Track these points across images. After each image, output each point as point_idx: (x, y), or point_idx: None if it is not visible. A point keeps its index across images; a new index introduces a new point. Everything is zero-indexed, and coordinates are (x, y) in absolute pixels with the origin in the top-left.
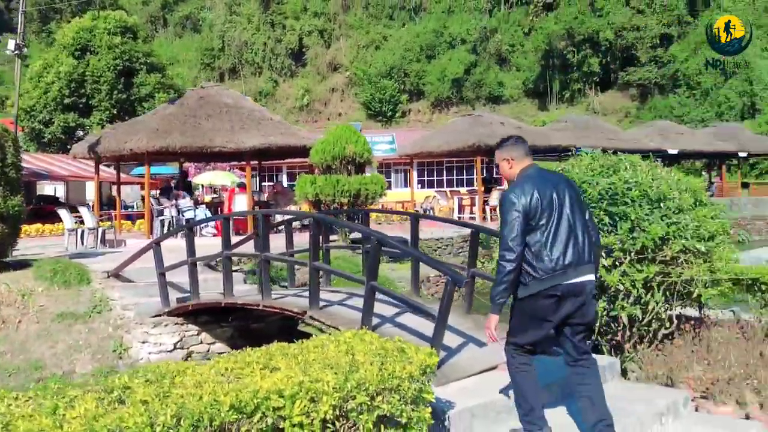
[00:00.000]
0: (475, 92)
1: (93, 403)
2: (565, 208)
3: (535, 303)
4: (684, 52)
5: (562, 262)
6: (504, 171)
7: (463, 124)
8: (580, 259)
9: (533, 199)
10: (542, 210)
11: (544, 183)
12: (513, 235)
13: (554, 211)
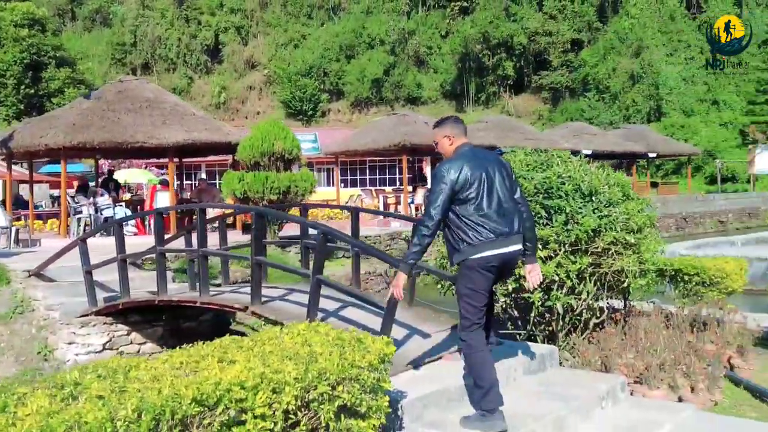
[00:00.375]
0: (394, 93)
1: (45, 400)
2: (495, 184)
3: (476, 274)
4: (594, 57)
5: (492, 231)
6: (444, 147)
7: (389, 123)
8: (509, 230)
9: (462, 173)
10: (471, 184)
11: (477, 160)
12: (436, 204)
13: (483, 185)
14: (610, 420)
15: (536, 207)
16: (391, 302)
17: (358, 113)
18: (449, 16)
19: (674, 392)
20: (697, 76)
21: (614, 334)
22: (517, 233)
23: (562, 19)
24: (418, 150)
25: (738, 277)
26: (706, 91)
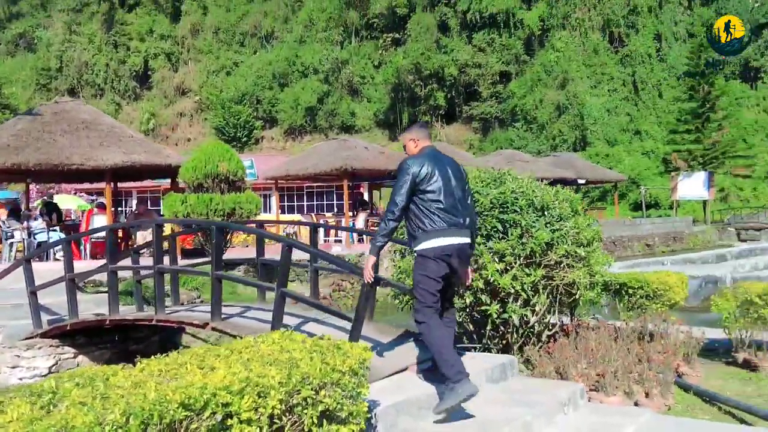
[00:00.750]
0: (328, 121)
1: (26, 407)
2: (452, 182)
3: (431, 262)
4: (522, 89)
5: (446, 223)
6: (410, 149)
7: (329, 147)
8: (462, 223)
9: (424, 168)
10: (431, 178)
11: (438, 160)
12: (400, 192)
13: (442, 183)
14: (574, 424)
15: (492, 221)
16: (359, 311)
17: (292, 141)
18: (382, 46)
19: (630, 398)
20: (619, 107)
21: (567, 345)
22: (468, 228)
23: (491, 51)
24: (358, 175)
25: (680, 290)
26: (629, 122)
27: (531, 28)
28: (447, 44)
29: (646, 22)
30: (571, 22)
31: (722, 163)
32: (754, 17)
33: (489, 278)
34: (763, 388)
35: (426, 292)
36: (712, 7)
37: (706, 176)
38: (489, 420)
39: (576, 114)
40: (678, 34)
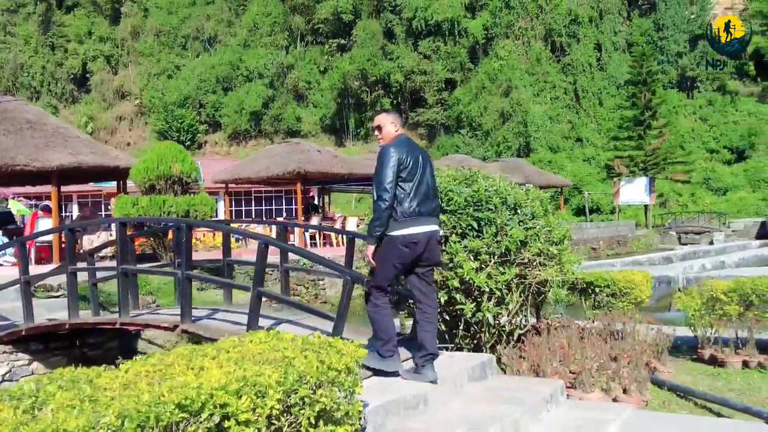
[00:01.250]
0: (273, 126)
1: (9, 411)
2: (425, 172)
3: (396, 248)
4: (467, 96)
5: (418, 210)
6: (388, 132)
7: (281, 150)
8: (432, 212)
9: (404, 155)
10: (407, 166)
11: (413, 148)
12: (389, 180)
13: (417, 171)
14: (558, 421)
15: (467, 219)
16: (342, 310)
17: (236, 145)
18: (327, 52)
19: (608, 395)
20: (561, 115)
21: (541, 343)
22: (436, 217)
23: (437, 59)
24: (310, 178)
25: (645, 288)
26: (570, 129)
27: (475, 37)
28: (393, 51)
29: (586, 32)
30: (515, 31)
31: (663, 168)
32: (690, 28)
33: (465, 277)
34: (732, 383)
35: (383, 276)
36: (650, 18)
37: (647, 182)
38: (478, 418)
39: (520, 121)
40: (617, 44)
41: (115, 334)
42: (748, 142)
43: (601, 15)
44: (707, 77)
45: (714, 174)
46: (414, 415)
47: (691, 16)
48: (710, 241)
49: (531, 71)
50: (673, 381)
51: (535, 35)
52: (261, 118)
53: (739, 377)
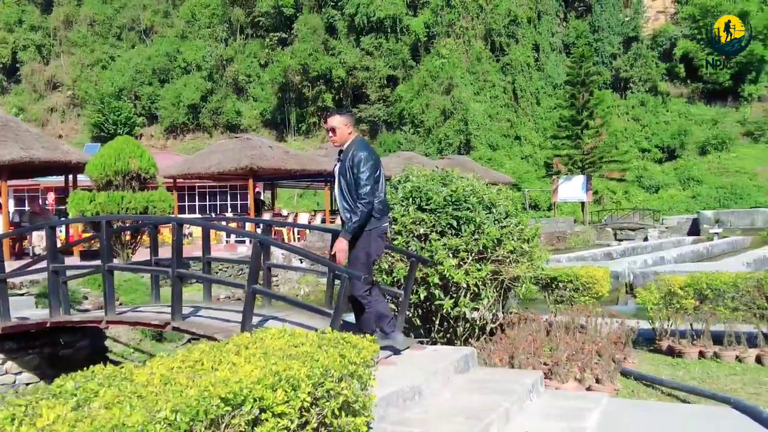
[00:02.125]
0: (212, 120)
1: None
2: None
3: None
4: (409, 93)
5: (386, 207)
6: (342, 134)
7: (233, 145)
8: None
9: (372, 156)
10: (378, 167)
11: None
12: (372, 183)
13: (380, 170)
14: (542, 409)
15: (447, 218)
16: (339, 307)
17: (173, 139)
18: (268, 45)
19: (582, 384)
20: (500, 113)
21: (515, 336)
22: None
23: (379, 55)
24: (263, 174)
25: (605, 282)
26: (509, 128)
27: (417, 34)
28: (335, 46)
29: (525, 32)
30: (456, 29)
31: (599, 167)
32: (624, 31)
33: (445, 273)
34: (692, 372)
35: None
36: (586, 20)
37: (584, 179)
38: (473, 408)
39: (461, 119)
40: (554, 45)
41: (85, 334)
42: (678, 142)
43: (539, 16)
44: (639, 78)
45: (646, 172)
46: (412, 406)
47: (626, 19)
48: (645, 237)
49: (471, 70)
50: (639, 371)
51: (475, 34)
52: (199, 111)
53: (697, 367)
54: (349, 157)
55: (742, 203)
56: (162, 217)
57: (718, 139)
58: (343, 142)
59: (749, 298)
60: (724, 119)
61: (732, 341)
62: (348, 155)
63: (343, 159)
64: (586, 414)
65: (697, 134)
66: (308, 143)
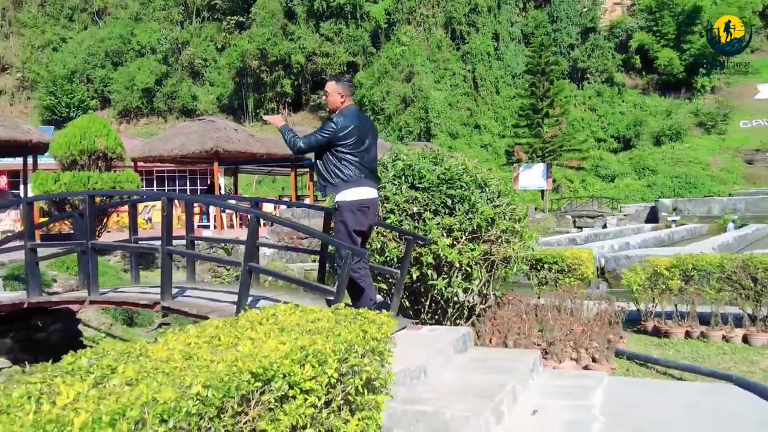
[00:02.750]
0: (167, 104)
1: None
2: (372, 142)
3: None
4: (369, 80)
5: (362, 173)
6: (334, 102)
7: (197, 127)
8: (373, 178)
9: (349, 125)
10: (353, 134)
11: (359, 118)
12: (314, 141)
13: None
14: (545, 388)
15: (441, 197)
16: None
17: (126, 123)
18: (225, 29)
19: (579, 363)
20: (461, 102)
21: (508, 317)
22: (377, 181)
23: (339, 41)
24: (228, 158)
25: (590, 264)
26: (469, 116)
27: (377, 21)
28: (294, 31)
29: (485, 21)
30: (416, 17)
31: (559, 155)
32: (582, 22)
33: (439, 253)
34: (682, 351)
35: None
36: (545, 10)
37: (544, 168)
38: (479, 386)
39: (421, 107)
40: (514, 35)
41: (58, 317)
42: (633, 132)
43: (499, 5)
44: (596, 69)
45: (602, 161)
46: (419, 385)
47: (583, 10)
48: (604, 224)
49: (432, 58)
50: (632, 351)
51: (436, 22)
52: (154, 95)
53: (685, 346)
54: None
55: (696, 192)
56: (151, 192)
57: (672, 130)
58: (335, 109)
59: (735, 279)
60: (677, 110)
61: (718, 321)
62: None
63: None
64: (589, 392)
65: (651, 125)
66: (266, 129)
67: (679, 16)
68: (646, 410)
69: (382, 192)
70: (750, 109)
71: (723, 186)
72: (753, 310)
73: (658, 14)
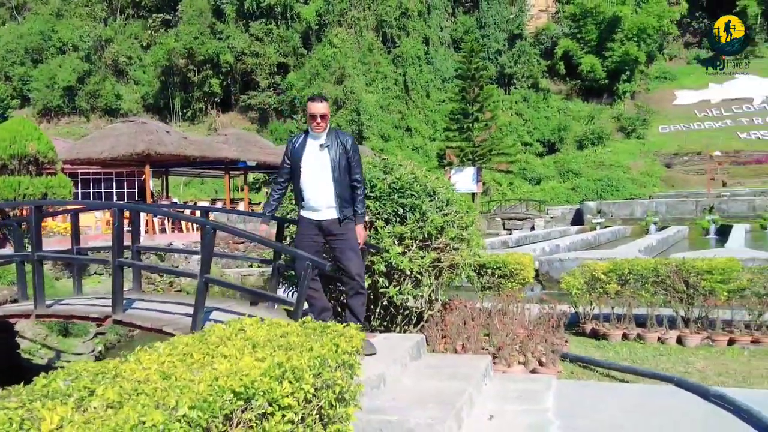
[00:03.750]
0: (90, 103)
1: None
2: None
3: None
4: (300, 81)
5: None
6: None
7: (127, 129)
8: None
9: None
10: None
11: None
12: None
13: None
14: (498, 393)
15: (392, 206)
16: (302, 294)
17: (47, 122)
18: (151, 27)
19: (527, 367)
20: (392, 105)
21: (454, 323)
22: None
23: (269, 42)
24: (160, 161)
25: (531, 269)
26: (401, 119)
27: (308, 22)
28: (222, 30)
29: (416, 25)
30: (347, 19)
31: (489, 159)
32: (509, 28)
33: (390, 261)
34: (620, 353)
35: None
36: (473, 16)
37: (475, 171)
38: (438, 393)
39: (353, 109)
40: (443, 40)
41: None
42: (557, 137)
43: (429, 10)
44: (523, 75)
45: (529, 165)
46: (379, 394)
47: (511, 16)
48: (532, 226)
49: (363, 60)
50: (575, 353)
51: (367, 25)
52: (76, 93)
53: (624, 348)
54: (342, 143)
55: (618, 195)
56: (101, 203)
57: (594, 134)
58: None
59: (669, 283)
60: (600, 115)
61: (653, 323)
62: (339, 141)
63: (330, 145)
64: (541, 396)
65: (575, 129)
66: (194, 130)
67: (601, 24)
68: (597, 412)
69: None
70: (668, 115)
71: (643, 189)
72: (685, 312)
73: (581, 22)
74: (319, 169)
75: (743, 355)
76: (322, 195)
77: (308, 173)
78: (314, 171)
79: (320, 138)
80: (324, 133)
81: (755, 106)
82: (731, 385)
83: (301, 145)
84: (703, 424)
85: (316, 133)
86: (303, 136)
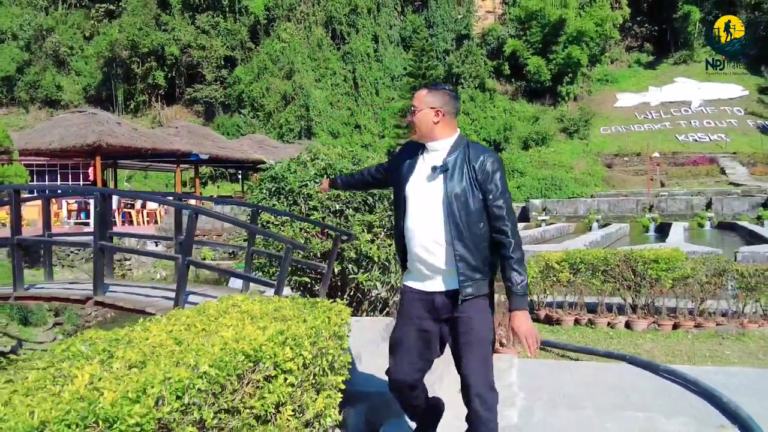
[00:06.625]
0: (29, 93)
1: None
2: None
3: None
4: (248, 76)
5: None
6: (423, 122)
7: (77, 120)
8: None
9: None
10: None
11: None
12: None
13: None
14: None
15: (362, 195)
16: (282, 277)
17: None
18: (94, 17)
19: None
20: (341, 102)
21: None
22: None
23: (216, 35)
24: (111, 152)
25: None
26: (350, 116)
27: (257, 16)
28: (168, 22)
29: (365, 22)
30: (296, 14)
31: None
32: (457, 28)
33: (360, 248)
34: (573, 337)
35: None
36: (422, 15)
37: None
38: None
39: (302, 105)
40: (392, 38)
41: None
42: (503, 136)
43: (378, 7)
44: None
45: None
46: (355, 371)
47: (458, 17)
48: None
49: (312, 56)
50: None
51: (316, 21)
52: (14, 84)
53: (576, 332)
54: (474, 164)
55: (561, 194)
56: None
57: (539, 135)
58: (431, 137)
59: (618, 271)
60: (544, 116)
61: (603, 310)
62: (467, 161)
63: (451, 167)
64: (505, 373)
65: (520, 129)
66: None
67: (546, 26)
68: (557, 386)
69: (304, 189)
70: (610, 116)
71: (585, 188)
72: (633, 299)
73: (527, 24)
74: (427, 206)
75: (687, 338)
76: (431, 249)
77: (415, 211)
78: (421, 208)
79: (436, 153)
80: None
81: (693, 109)
82: (678, 363)
83: (410, 162)
84: (654, 394)
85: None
86: (419, 146)
